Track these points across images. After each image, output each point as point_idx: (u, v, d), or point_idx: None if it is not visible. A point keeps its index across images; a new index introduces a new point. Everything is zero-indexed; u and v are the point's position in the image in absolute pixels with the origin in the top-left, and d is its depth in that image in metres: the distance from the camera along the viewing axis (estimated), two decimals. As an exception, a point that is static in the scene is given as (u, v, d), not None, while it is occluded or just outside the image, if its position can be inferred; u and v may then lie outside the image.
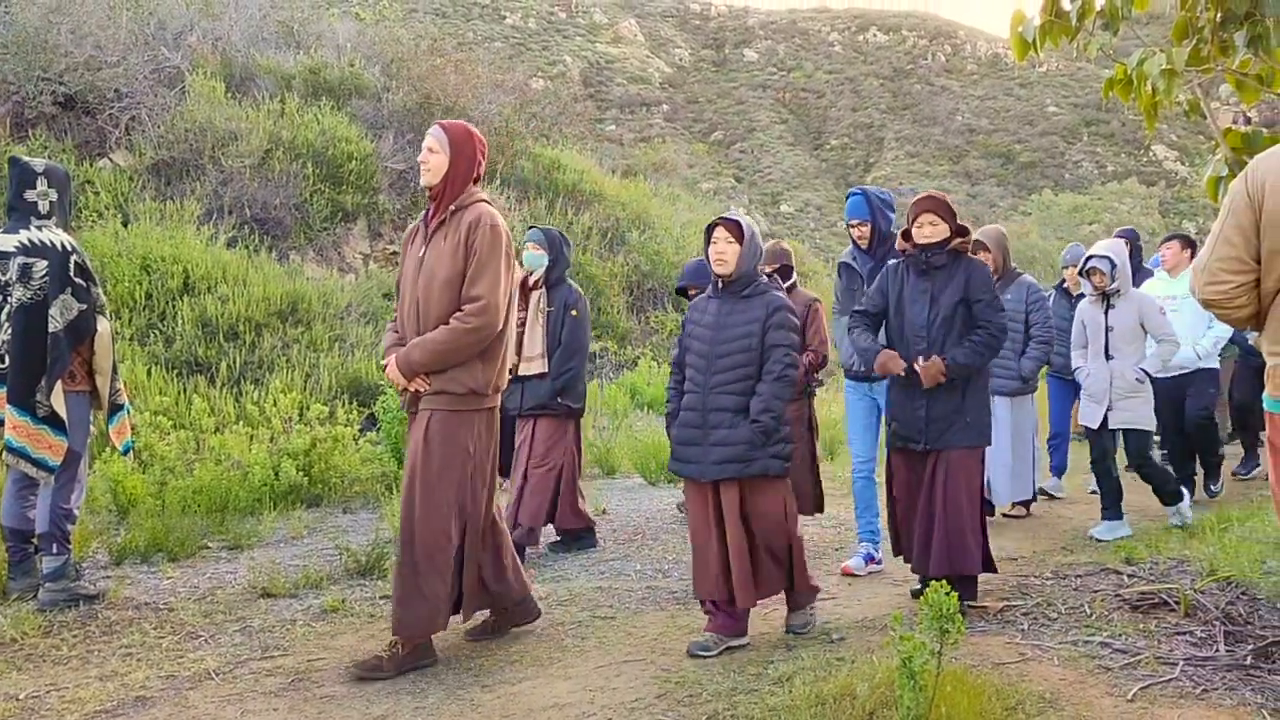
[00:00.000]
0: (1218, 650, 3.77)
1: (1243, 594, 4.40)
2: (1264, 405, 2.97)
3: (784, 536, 4.17)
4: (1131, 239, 7.95)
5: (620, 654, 4.10)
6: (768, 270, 5.88)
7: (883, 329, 4.75)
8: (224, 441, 7.54)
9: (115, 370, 5.00)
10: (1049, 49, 4.57)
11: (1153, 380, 7.13)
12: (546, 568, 5.67)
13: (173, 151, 12.08)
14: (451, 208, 4.05)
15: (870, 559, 5.43)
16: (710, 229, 4.22)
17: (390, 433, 7.94)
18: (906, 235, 4.62)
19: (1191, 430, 7.13)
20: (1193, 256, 6.96)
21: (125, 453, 5.33)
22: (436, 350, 3.92)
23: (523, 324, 5.80)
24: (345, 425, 7.99)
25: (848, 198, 5.47)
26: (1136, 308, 6.11)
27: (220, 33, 14.59)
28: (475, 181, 4.14)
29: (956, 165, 52.33)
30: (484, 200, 4.13)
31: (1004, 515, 6.78)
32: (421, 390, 4.00)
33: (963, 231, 4.54)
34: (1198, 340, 6.85)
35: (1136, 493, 7.46)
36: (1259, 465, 8.17)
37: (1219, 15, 4.01)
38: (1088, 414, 6.23)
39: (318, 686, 3.79)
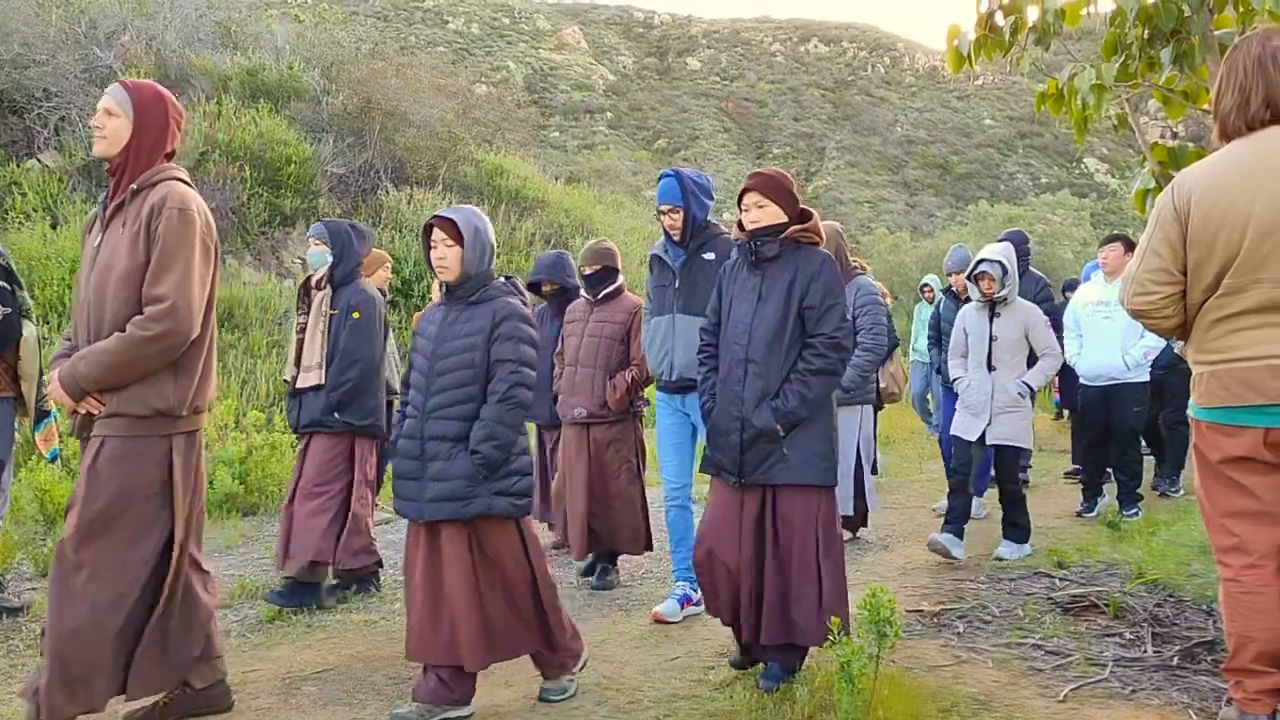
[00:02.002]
0: (1146, 651, 3.87)
1: (1169, 596, 4.52)
2: (1190, 412, 3.06)
3: (525, 587, 3.54)
4: (1019, 242, 7.64)
5: (561, 662, 4.07)
6: (587, 271, 5.47)
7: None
8: (156, 449, 7.37)
9: (41, 375, 4.87)
10: (985, 63, 4.67)
11: (1079, 389, 7.02)
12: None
13: (104, 152, 11.79)
14: (133, 187, 3.25)
15: (687, 600, 4.69)
16: (428, 229, 3.60)
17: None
18: (740, 224, 3.87)
19: (1118, 453, 6.86)
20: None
21: (52, 460, 5.19)
22: (108, 363, 3.13)
23: (303, 330, 5.13)
24: (283, 432, 7.86)
25: (660, 179, 4.71)
26: (1022, 318, 5.74)
27: (154, 32, 14.30)
28: (169, 158, 3.35)
29: (896, 175, 53.13)
30: (177, 178, 3.31)
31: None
32: (94, 412, 3.20)
33: (804, 217, 3.78)
34: (1128, 350, 6.60)
35: (1056, 496, 7.62)
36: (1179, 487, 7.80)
37: (1147, 33, 4.12)
38: (964, 426, 5.79)
39: (253, 699, 3.72)
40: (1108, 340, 6.64)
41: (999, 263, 5.69)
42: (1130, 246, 6.88)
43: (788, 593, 3.56)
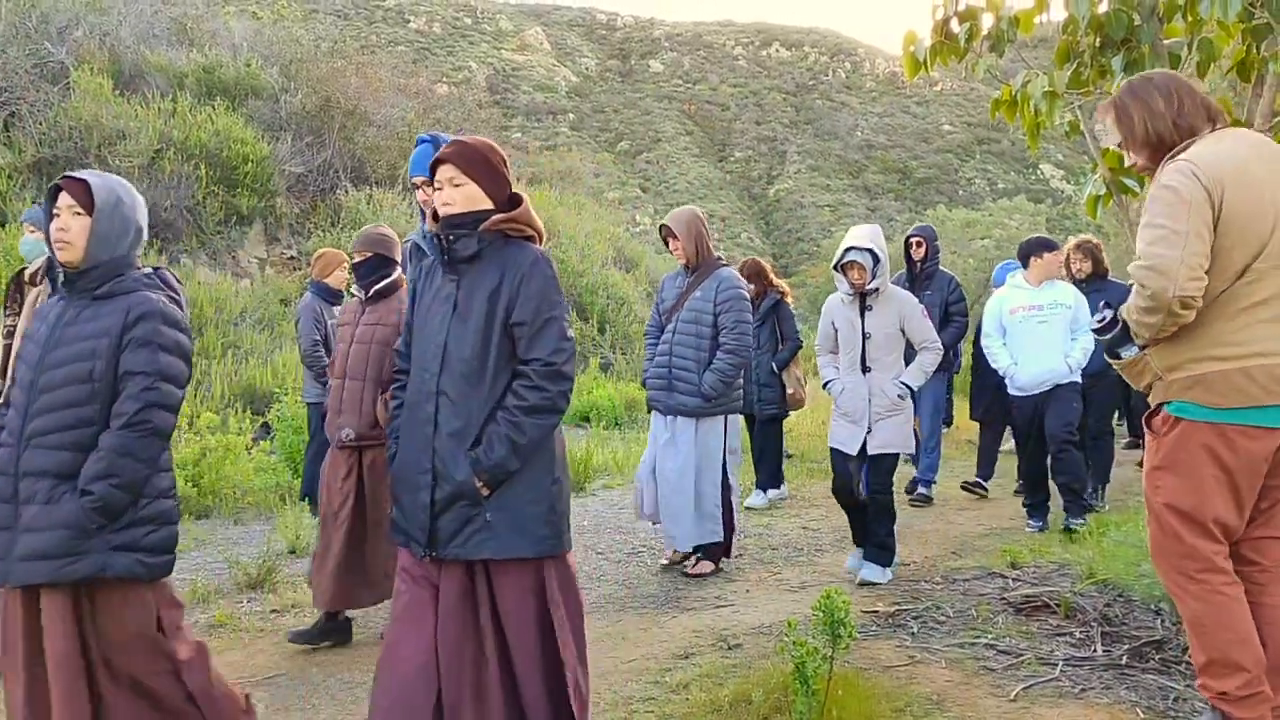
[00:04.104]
0: (1095, 651, 3.92)
1: (1119, 596, 4.58)
2: (1190, 416, 2.91)
3: (159, 677, 2.73)
4: (928, 238, 7.55)
5: (518, 665, 4.06)
6: (356, 259, 4.61)
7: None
8: (107, 451, 7.27)
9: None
10: (941, 69, 4.73)
11: (1012, 395, 6.56)
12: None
13: (56, 149, 11.61)
14: None
15: None
16: (54, 191, 2.80)
17: (285, 442, 7.76)
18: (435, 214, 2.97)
19: (1054, 452, 6.42)
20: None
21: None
22: None
23: (12, 334, 4.31)
24: (237, 434, 7.77)
25: (417, 145, 3.86)
26: (896, 310, 5.16)
27: (108, 28, 14.09)
28: None
29: (856, 180, 53.59)
30: None
31: (686, 574, 5.50)
32: None
33: (514, 202, 2.92)
34: (1069, 352, 6.30)
35: (1010, 499, 7.71)
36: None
37: (1098, 41, 4.19)
38: (843, 437, 5.21)
39: (202, 705, 3.67)
40: (1047, 345, 6.30)
41: (869, 250, 5.05)
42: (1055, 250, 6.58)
43: (519, 698, 2.75)
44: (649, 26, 67.95)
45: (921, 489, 7.70)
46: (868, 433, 5.12)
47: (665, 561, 5.71)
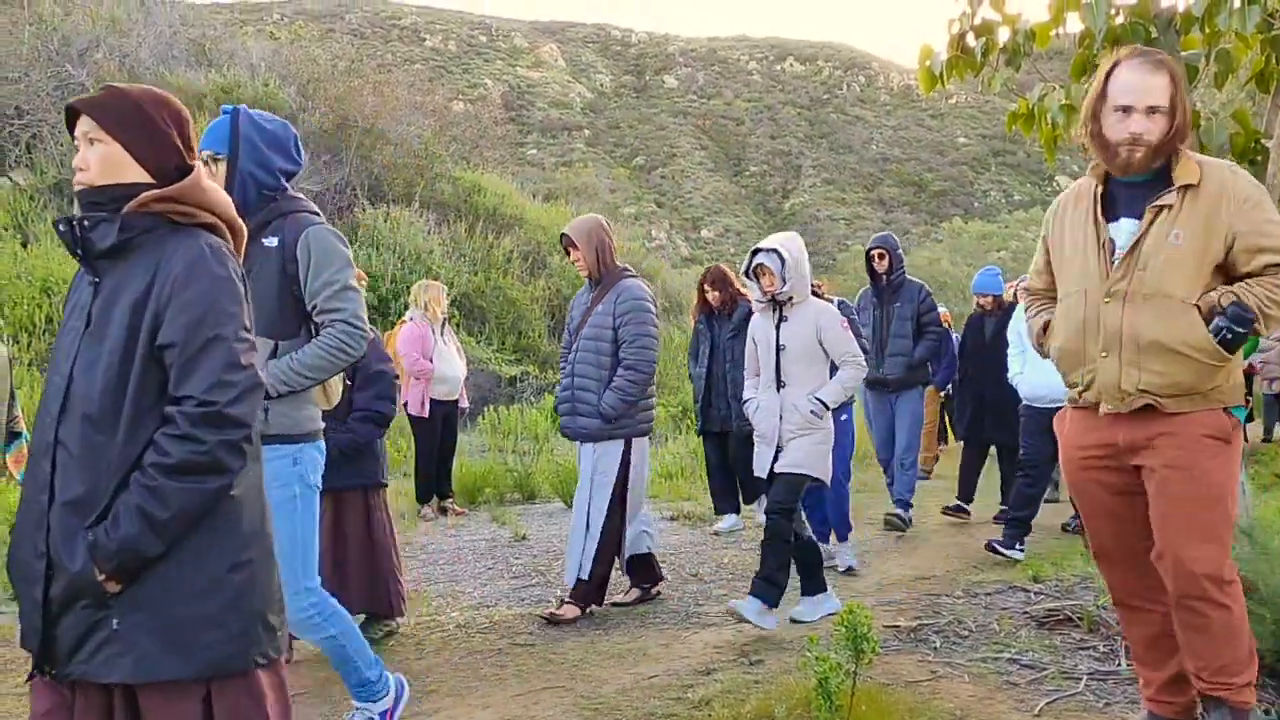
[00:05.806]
0: (1119, 664, 3.90)
1: (1143, 609, 4.55)
2: (1234, 415, 2.87)
3: None
4: (890, 248, 7.14)
5: (539, 681, 4.06)
6: None
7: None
8: (129, 469, 7.33)
9: (13, 397, 4.83)
10: (957, 82, 4.74)
11: (1025, 409, 6.32)
12: (465, 595, 5.61)
13: (77, 170, 11.77)
14: None
15: None
16: None
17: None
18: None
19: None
20: None
21: (22, 482, 5.13)
22: None
23: None
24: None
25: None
26: (813, 320, 4.73)
27: (128, 50, 14.29)
28: None
29: (871, 193, 53.59)
30: None
31: (552, 615, 4.88)
32: None
33: (183, 171, 2.09)
34: None
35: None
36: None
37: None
38: (758, 460, 4.79)
39: None
40: None
41: (775, 251, 4.67)
42: None
43: None
44: (663, 42, 68.26)
45: (899, 509, 7.23)
46: (778, 451, 4.67)
47: (546, 614, 4.90)
